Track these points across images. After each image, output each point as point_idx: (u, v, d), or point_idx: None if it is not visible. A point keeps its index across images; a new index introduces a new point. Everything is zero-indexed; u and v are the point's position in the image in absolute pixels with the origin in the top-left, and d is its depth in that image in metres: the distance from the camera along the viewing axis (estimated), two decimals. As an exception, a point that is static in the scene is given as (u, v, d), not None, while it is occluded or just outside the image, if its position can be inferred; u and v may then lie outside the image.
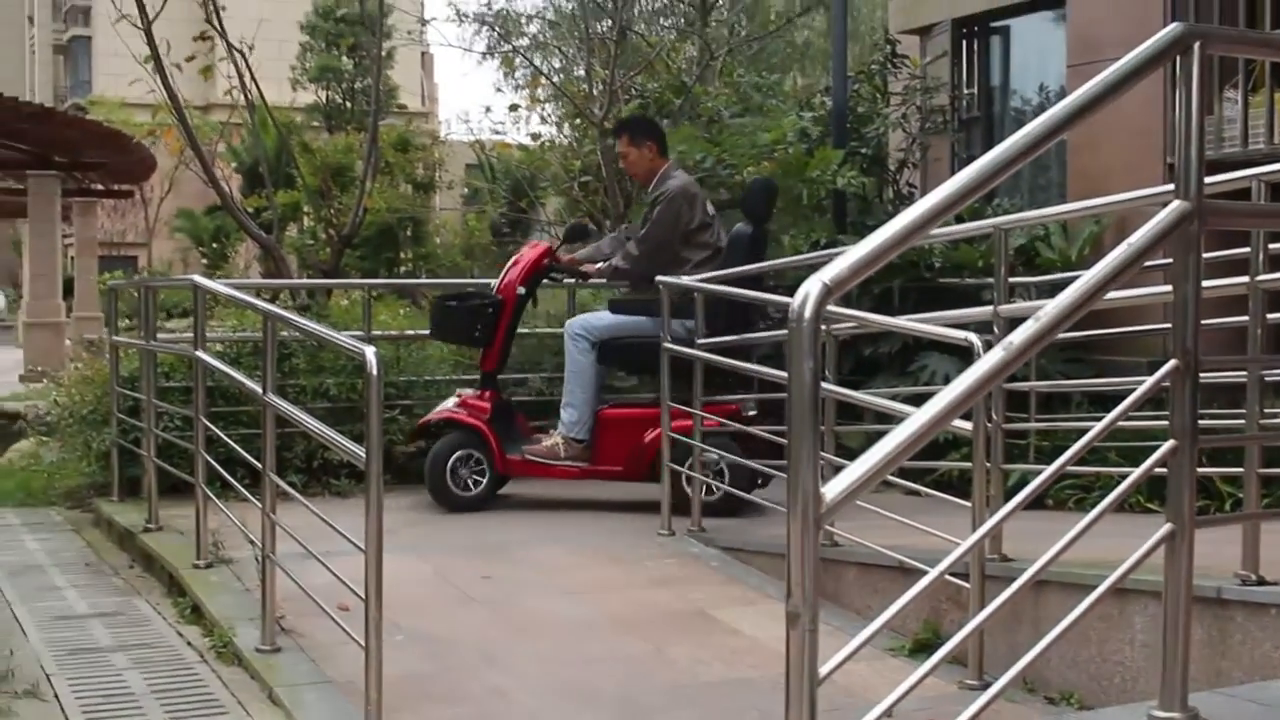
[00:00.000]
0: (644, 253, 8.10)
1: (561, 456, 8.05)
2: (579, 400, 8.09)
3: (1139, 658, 4.71)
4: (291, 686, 4.96)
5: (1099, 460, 6.65)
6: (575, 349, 8.08)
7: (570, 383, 8.12)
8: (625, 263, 8.21)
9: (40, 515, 9.21)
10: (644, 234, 8.15)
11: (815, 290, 2.36)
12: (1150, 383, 2.91)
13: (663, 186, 8.22)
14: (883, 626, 2.68)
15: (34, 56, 63.62)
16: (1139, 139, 8.63)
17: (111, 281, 12.13)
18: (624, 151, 8.51)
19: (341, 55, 37.32)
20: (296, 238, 23.59)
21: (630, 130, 8.55)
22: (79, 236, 30.30)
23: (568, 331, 8.20)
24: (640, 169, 8.48)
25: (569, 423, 8.09)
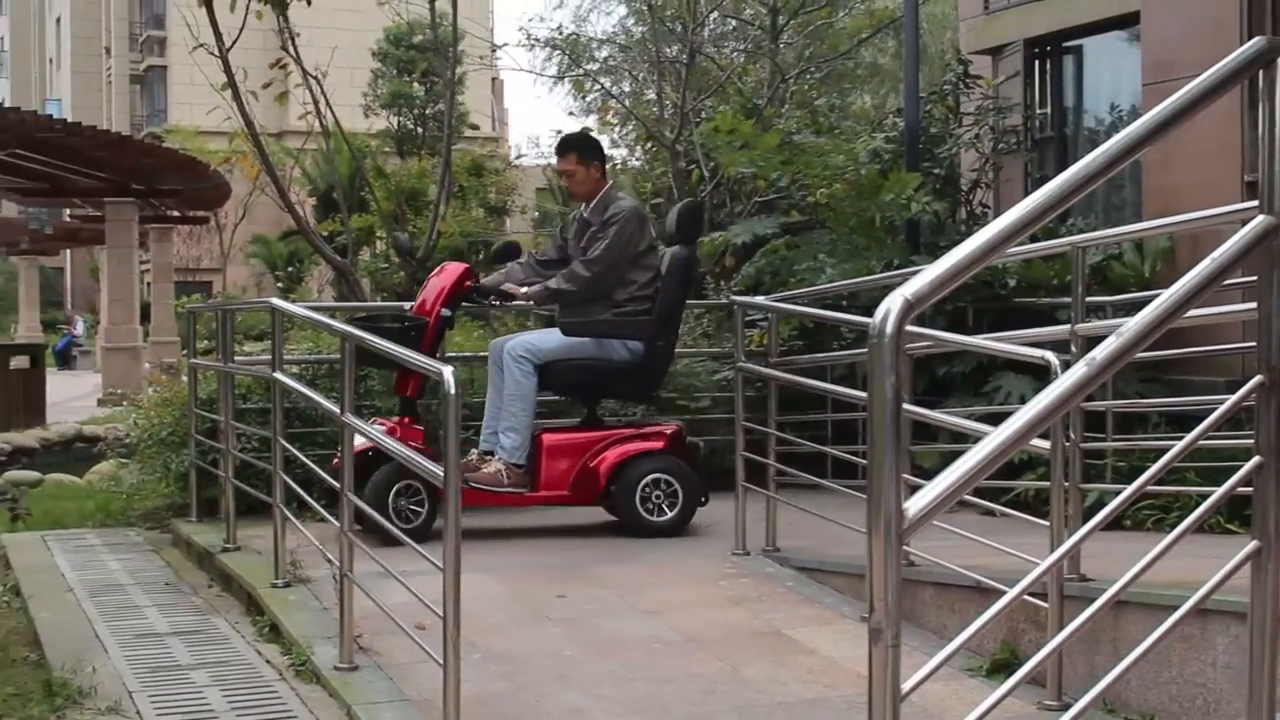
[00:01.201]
0: (595, 273, 7.91)
1: (505, 483, 7.77)
2: (521, 424, 7.82)
3: (1221, 679, 4.65)
4: (369, 704, 4.99)
5: (1177, 480, 6.59)
6: (518, 371, 7.80)
7: (511, 406, 7.80)
8: (570, 283, 7.95)
9: (120, 536, 9.33)
10: (599, 254, 7.90)
11: (897, 306, 2.35)
12: (1234, 400, 2.88)
13: (616, 205, 8.08)
14: (962, 645, 2.66)
15: (111, 86, 64.48)
16: (1216, 156, 8.56)
17: (190, 305, 12.27)
18: (570, 170, 8.20)
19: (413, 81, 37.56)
20: (370, 261, 23.74)
21: (579, 149, 8.25)
22: (155, 262, 30.71)
23: (508, 353, 7.86)
24: (585, 189, 8.20)
25: (510, 448, 7.81)
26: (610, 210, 8.03)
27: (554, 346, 7.92)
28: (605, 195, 8.18)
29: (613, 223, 7.94)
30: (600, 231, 7.98)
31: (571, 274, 7.96)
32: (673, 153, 13.64)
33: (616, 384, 8.20)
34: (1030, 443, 3.89)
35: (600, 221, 8.02)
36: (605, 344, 7.94)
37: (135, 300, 27.11)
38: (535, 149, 42.79)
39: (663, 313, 8.02)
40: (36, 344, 25.99)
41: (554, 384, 8.05)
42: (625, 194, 8.58)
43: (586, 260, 7.93)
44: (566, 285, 7.96)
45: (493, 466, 7.79)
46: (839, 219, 10.70)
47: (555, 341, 7.94)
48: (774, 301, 7.74)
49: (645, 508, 7.89)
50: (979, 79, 11.58)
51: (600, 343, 7.91)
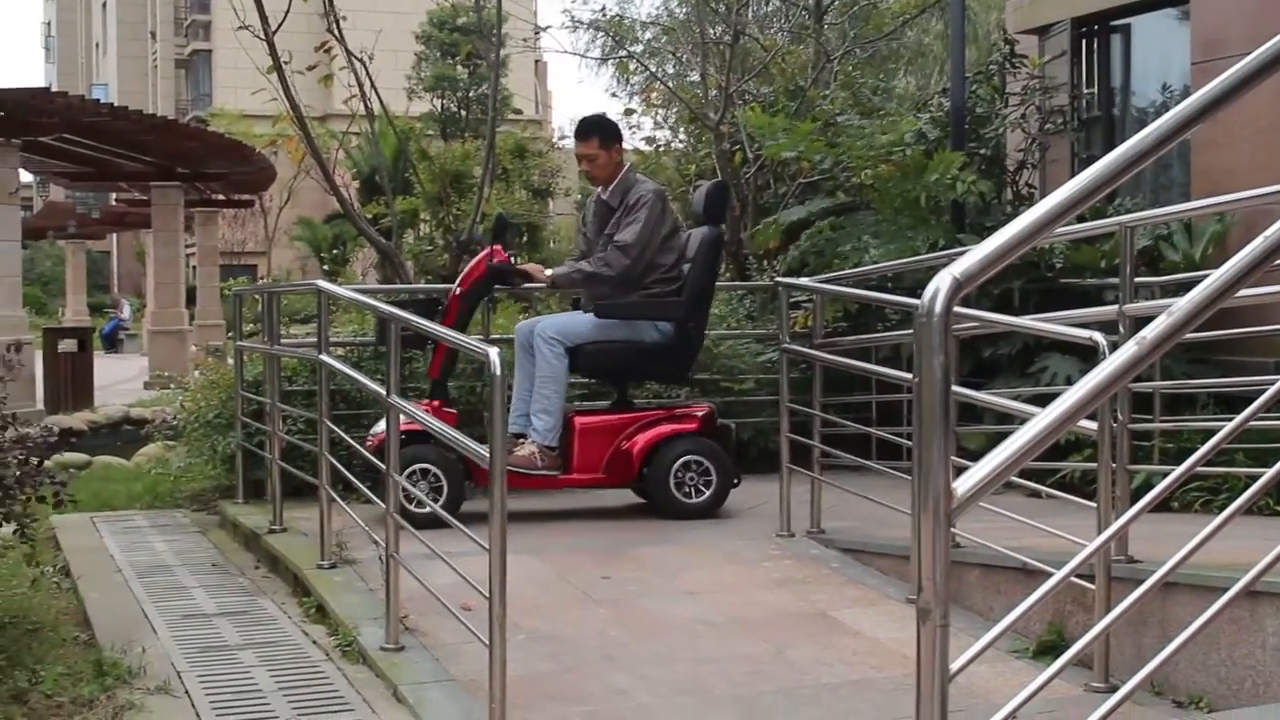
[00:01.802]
0: (634, 257, 7.88)
1: (539, 466, 7.75)
2: (554, 406, 7.80)
3: (1271, 661, 4.62)
4: (416, 684, 5.02)
5: (1226, 462, 6.54)
6: (550, 353, 7.77)
7: (544, 388, 7.77)
8: (609, 267, 7.91)
9: (167, 517, 9.40)
10: (635, 237, 7.85)
11: (946, 285, 2.34)
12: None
13: (638, 187, 8.07)
14: (1010, 627, 2.65)
15: (156, 71, 64.87)
16: (1266, 136, 8.48)
17: (236, 288, 12.34)
18: (592, 154, 8.09)
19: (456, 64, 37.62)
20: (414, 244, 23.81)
21: (601, 133, 8.15)
22: (201, 246, 30.90)
23: (539, 335, 7.83)
24: (606, 172, 8.11)
25: (543, 430, 7.78)
26: (634, 193, 8.00)
27: (586, 328, 7.91)
28: (624, 178, 8.13)
29: (640, 205, 7.91)
30: (627, 215, 7.94)
31: (609, 260, 7.90)
32: (716, 134, 13.59)
33: (647, 366, 8.20)
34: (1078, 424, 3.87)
35: (624, 205, 7.99)
36: (636, 326, 7.92)
37: (181, 284, 27.26)
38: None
39: (693, 294, 7.99)
40: (84, 327, 26.14)
41: (584, 366, 8.04)
42: (642, 176, 8.53)
43: (623, 245, 7.87)
44: (604, 269, 7.92)
45: (526, 449, 7.76)
46: (884, 200, 10.65)
47: (587, 323, 7.92)
48: (818, 283, 7.70)
49: (680, 490, 7.88)
50: (1025, 58, 11.49)
51: (631, 324, 7.90)
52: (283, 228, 43.60)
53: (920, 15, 18.73)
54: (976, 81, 12.15)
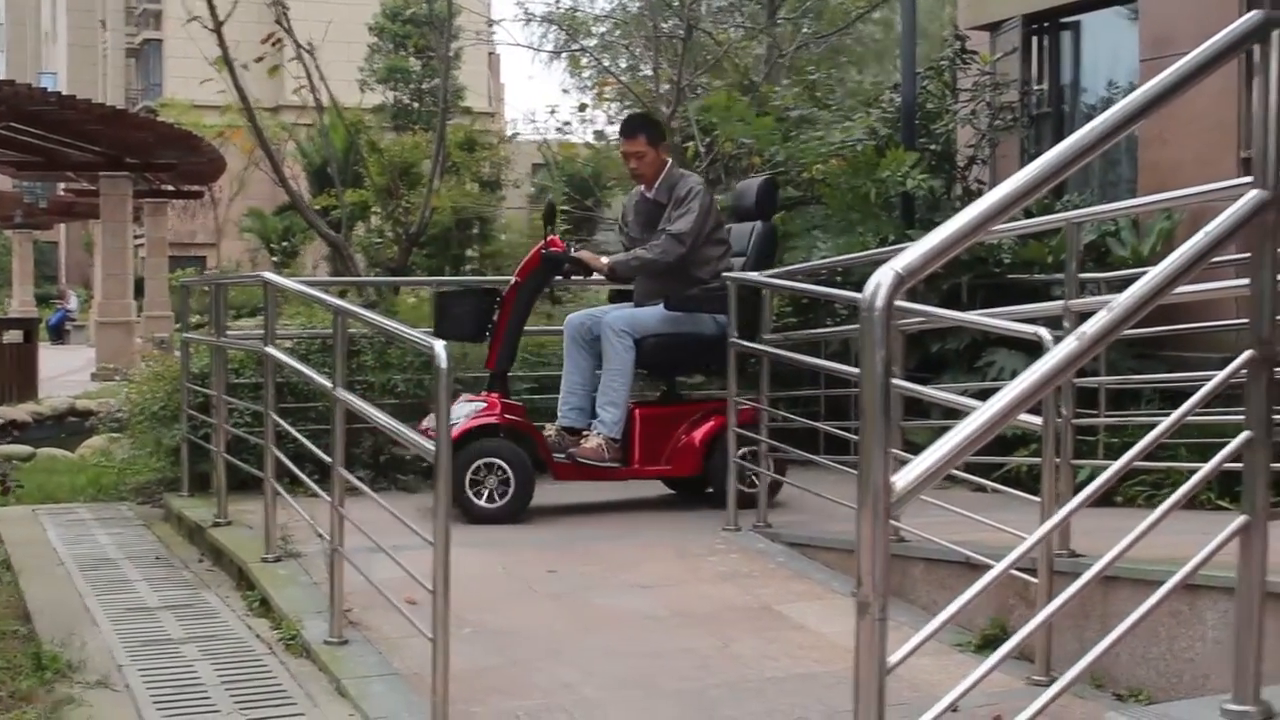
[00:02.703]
0: (688, 245, 7.91)
1: (606, 458, 7.82)
2: (621, 399, 7.86)
3: (1210, 654, 4.65)
4: (359, 678, 4.99)
5: (1169, 457, 6.59)
6: (620, 345, 7.83)
7: (613, 381, 7.83)
8: (664, 254, 7.92)
9: (111, 510, 9.32)
10: (690, 226, 7.88)
11: (887, 279, 2.34)
12: (1225, 374, 2.87)
13: (685, 181, 8.13)
14: (950, 620, 2.66)
15: (106, 60, 64.36)
16: (1212, 133, 8.54)
17: (184, 279, 12.25)
18: (640, 151, 8.14)
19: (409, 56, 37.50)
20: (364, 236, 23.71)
21: (649, 131, 8.28)
22: (149, 237, 30.69)
23: (608, 327, 7.88)
24: (653, 169, 8.16)
25: (610, 423, 7.84)
26: (682, 185, 8.06)
27: (653, 321, 7.97)
28: (669, 173, 8.18)
29: (692, 196, 7.96)
30: (679, 207, 7.98)
31: (666, 248, 7.93)
32: (668, 128, 13.60)
33: (706, 358, 8.18)
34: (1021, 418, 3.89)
35: (673, 198, 8.03)
36: (698, 318, 7.93)
37: (129, 275, 27.07)
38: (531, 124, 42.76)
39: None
40: (30, 318, 25.87)
41: (646, 359, 8.03)
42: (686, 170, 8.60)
43: (678, 234, 7.90)
44: (662, 256, 7.94)
45: (593, 441, 7.82)
46: (834, 195, 10.67)
47: (655, 316, 7.98)
48: (767, 277, 7.70)
49: (742, 481, 7.73)
50: (976, 55, 11.54)
51: (695, 317, 7.91)
52: (233, 219, 43.37)
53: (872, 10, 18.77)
54: (927, 77, 12.20)
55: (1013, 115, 11.15)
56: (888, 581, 2.34)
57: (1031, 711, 2.68)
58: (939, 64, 12.31)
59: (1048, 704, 2.70)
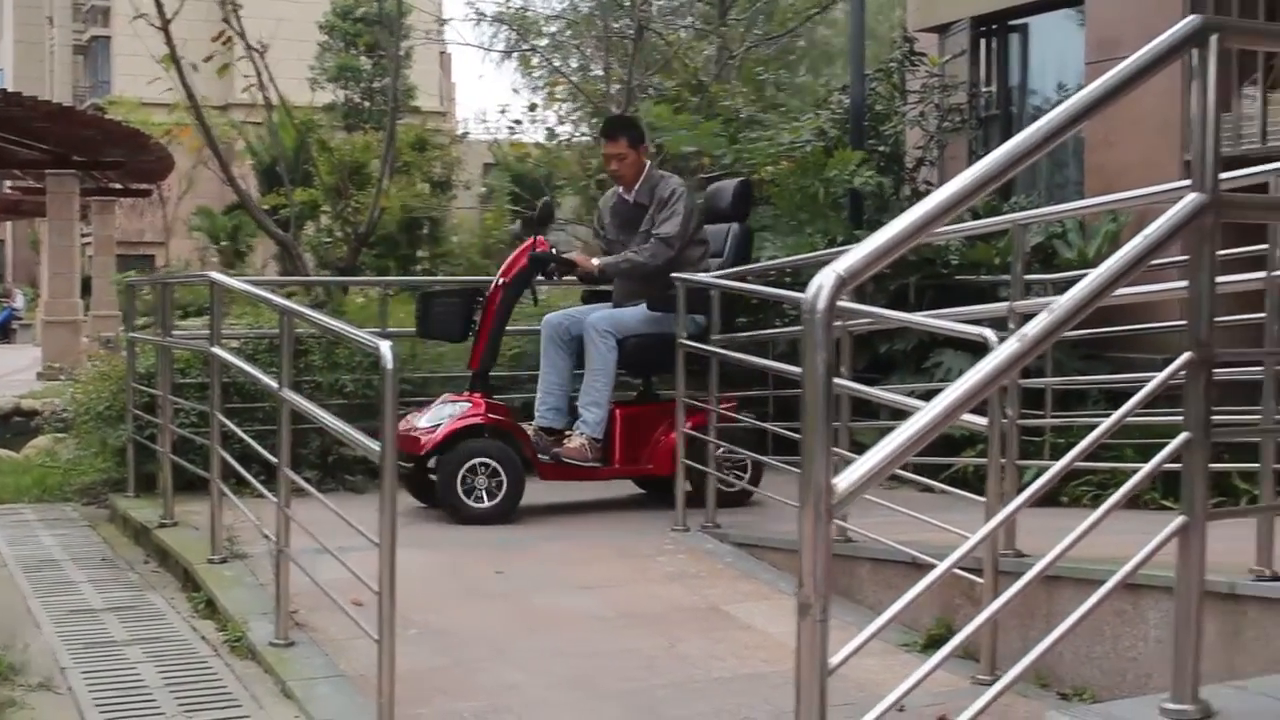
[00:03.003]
0: (676, 247, 7.94)
1: (589, 458, 7.85)
2: (604, 399, 7.89)
3: (1153, 653, 4.69)
4: (304, 680, 4.97)
5: (1114, 458, 6.64)
6: (604, 345, 7.85)
7: (596, 381, 7.86)
8: (653, 257, 7.93)
9: (56, 511, 9.24)
10: (676, 230, 7.92)
11: (829, 281, 2.35)
12: (1164, 376, 2.90)
13: (666, 182, 8.16)
14: (894, 619, 2.66)
15: (54, 57, 63.78)
16: (1157, 136, 8.61)
17: (130, 278, 12.16)
18: (622, 153, 8.16)
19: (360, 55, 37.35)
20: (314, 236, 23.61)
21: (630, 133, 8.30)
22: (97, 235, 30.44)
23: (592, 328, 7.88)
24: (633, 171, 8.19)
25: (594, 423, 7.87)
26: (664, 187, 8.10)
27: (636, 321, 7.99)
28: (649, 175, 8.22)
29: (676, 198, 8.01)
30: (662, 210, 8.02)
31: (654, 249, 7.95)
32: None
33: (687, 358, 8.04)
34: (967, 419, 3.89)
35: (655, 200, 8.07)
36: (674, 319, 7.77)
37: (76, 273, 26.82)
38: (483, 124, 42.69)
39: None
40: (-25, 317, 25.64)
41: (626, 358, 8.03)
42: (665, 171, 8.70)
43: (666, 237, 7.94)
44: (651, 259, 7.95)
45: (576, 441, 7.85)
46: (782, 196, 10.69)
47: (638, 316, 8.00)
48: (714, 278, 7.72)
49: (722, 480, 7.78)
50: (924, 56, 11.59)
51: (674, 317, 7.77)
52: (182, 218, 43.08)
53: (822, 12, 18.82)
54: (876, 79, 12.24)
55: (961, 117, 11.21)
56: (829, 582, 2.35)
57: (974, 710, 2.69)
58: (888, 65, 12.35)
59: (990, 703, 2.72)
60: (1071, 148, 10.34)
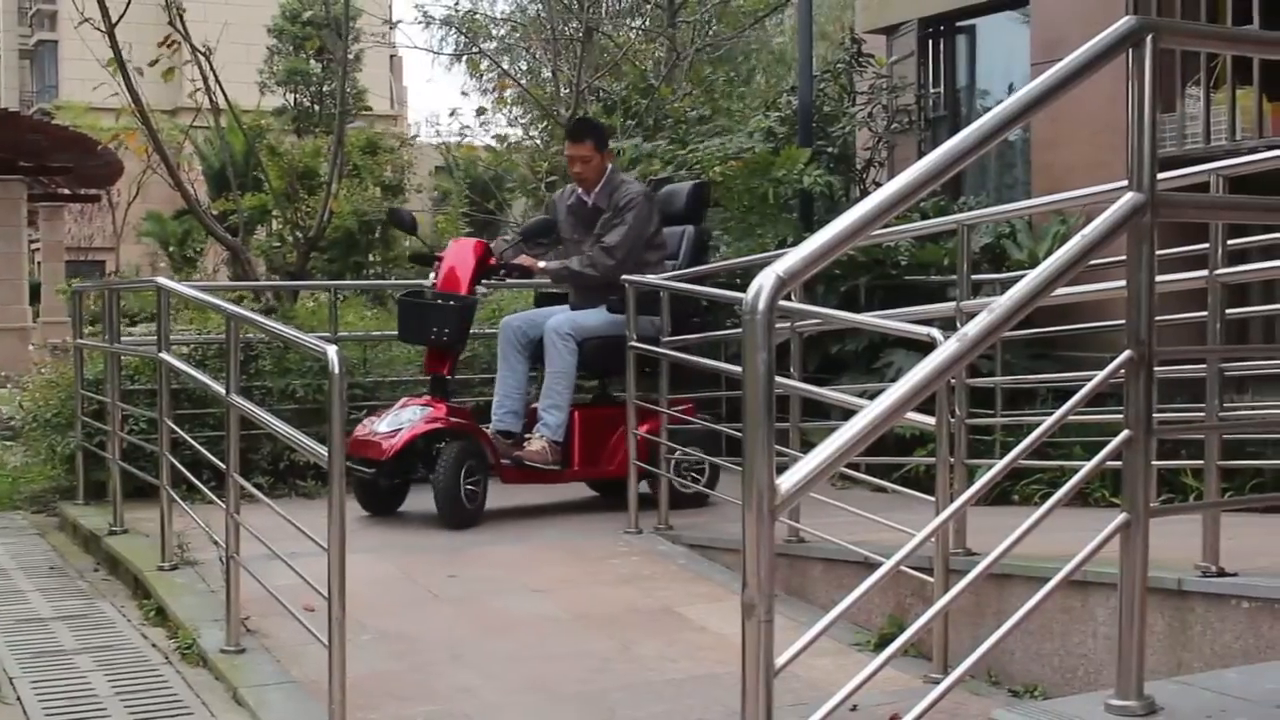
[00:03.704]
0: (619, 259, 7.90)
1: (550, 460, 7.82)
2: (565, 402, 7.86)
3: (1102, 650, 4.73)
4: (256, 687, 4.95)
5: (1064, 456, 6.69)
6: (565, 348, 7.80)
7: (557, 384, 7.81)
8: (594, 269, 7.96)
9: (4, 519, 9.16)
10: (620, 240, 7.93)
11: (769, 282, 2.37)
12: (1104, 374, 2.93)
13: (625, 189, 8.14)
14: (841, 617, 2.69)
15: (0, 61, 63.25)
16: (1102, 136, 8.67)
17: (76, 285, 12.08)
18: (587, 155, 8.12)
19: (309, 58, 37.19)
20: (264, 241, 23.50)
21: (596, 136, 8.29)
22: (45, 241, 30.19)
23: (553, 331, 7.82)
24: (596, 173, 8.15)
25: (555, 425, 7.83)
26: (622, 194, 8.07)
27: (597, 324, 7.94)
28: (610, 178, 8.18)
29: (629, 207, 7.99)
30: (616, 217, 8.01)
31: (595, 260, 7.96)
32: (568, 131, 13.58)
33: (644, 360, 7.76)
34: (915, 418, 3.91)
35: (613, 206, 8.05)
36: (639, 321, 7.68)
37: (24, 280, 26.57)
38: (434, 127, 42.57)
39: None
40: (-78, 325, 25.38)
41: (586, 361, 8.01)
42: (627, 175, 8.66)
43: (609, 247, 7.93)
44: (589, 270, 7.97)
45: (537, 444, 7.81)
46: (731, 197, 10.72)
47: (599, 319, 7.95)
48: (663, 279, 7.73)
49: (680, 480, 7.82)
50: (872, 58, 11.64)
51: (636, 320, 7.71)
52: (132, 223, 42.76)
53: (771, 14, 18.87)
54: (825, 80, 12.28)
55: (909, 118, 11.26)
56: (775, 582, 2.36)
57: (922, 707, 2.71)
58: (835, 67, 12.39)
59: (937, 700, 2.74)
60: (1019, 148, 10.42)
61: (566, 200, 8.46)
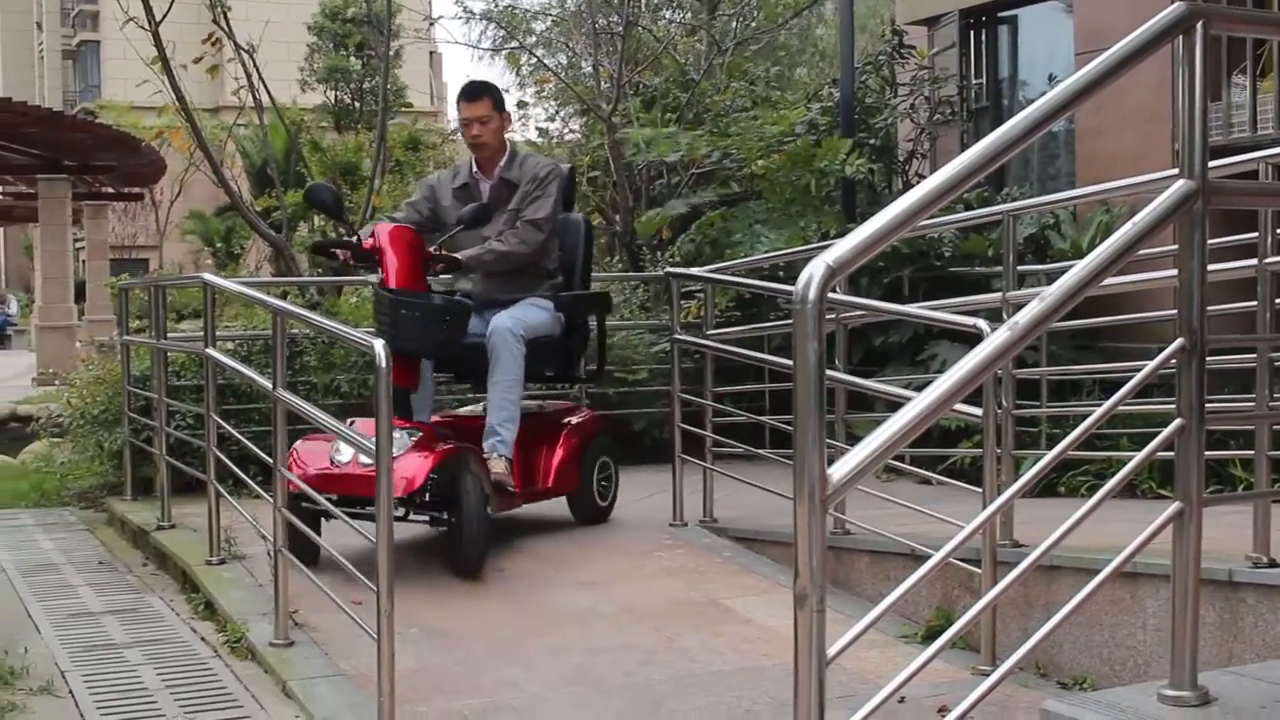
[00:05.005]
0: (546, 232, 7.05)
1: (509, 482, 6.70)
2: (518, 414, 6.83)
3: (1151, 642, 4.71)
4: (305, 680, 4.97)
5: (1111, 447, 6.65)
6: (518, 350, 6.77)
7: (510, 392, 6.73)
8: (521, 244, 6.93)
9: (54, 515, 9.25)
10: (546, 213, 6.99)
11: (819, 272, 2.36)
12: (1156, 363, 2.91)
13: (538, 162, 7.25)
14: (891, 608, 2.67)
15: (43, 62, 63.70)
16: (1148, 125, 8.62)
17: (122, 282, 12.16)
18: (485, 116, 7.02)
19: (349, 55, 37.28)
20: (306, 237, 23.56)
21: (494, 96, 7.16)
22: (90, 240, 30.36)
23: (509, 334, 6.73)
24: (498, 139, 7.14)
25: (510, 441, 6.76)
26: (538, 166, 7.16)
27: (540, 322, 7.03)
28: (513, 152, 7.24)
29: (551, 179, 7.06)
30: (538, 189, 7.02)
31: (523, 235, 6.94)
32: (609, 125, 13.58)
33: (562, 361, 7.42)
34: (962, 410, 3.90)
35: (529, 177, 7.06)
36: (557, 319, 7.19)
37: (70, 278, 26.80)
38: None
39: (587, 282, 7.52)
40: (-30, 324, 25.61)
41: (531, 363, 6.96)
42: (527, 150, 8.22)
43: (537, 220, 6.96)
44: (520, 247, 6.93)
45: (500, 465, 6.67)
46: (773, 189, 10.70)
47: (543, 317, 7.06)
48: (709, 273, 7.72)
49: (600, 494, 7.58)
50: (914, 49, 11.60)
51: (557, 318, 7.17)
52: (175, 221, 42.98)
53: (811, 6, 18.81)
54: (866, 72, 12.25)
55: (951, 109, 11.22)
56: (825, 572, 2.35)
57: (973, 699, 2.70)
58: (877, 58, 12.36)
59: (987, 692, 2.73)
60: (1063, 139, 10.36)
61: (452, 184, 7.26)
